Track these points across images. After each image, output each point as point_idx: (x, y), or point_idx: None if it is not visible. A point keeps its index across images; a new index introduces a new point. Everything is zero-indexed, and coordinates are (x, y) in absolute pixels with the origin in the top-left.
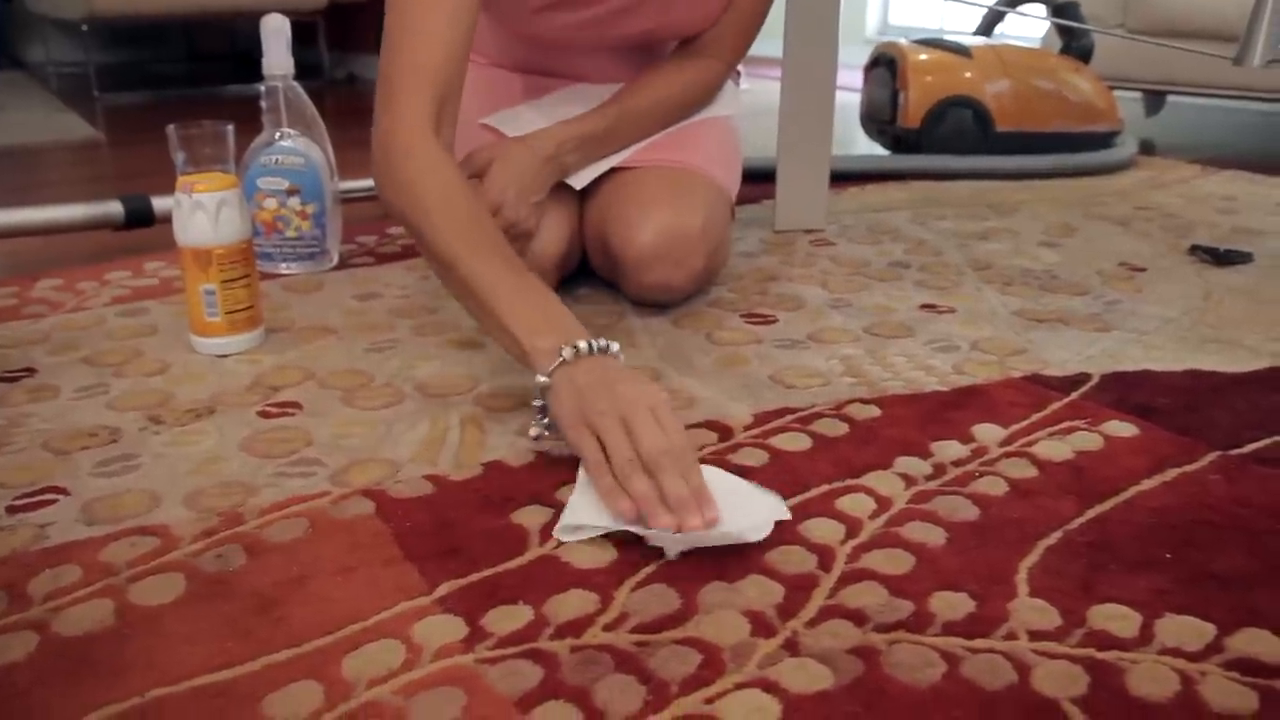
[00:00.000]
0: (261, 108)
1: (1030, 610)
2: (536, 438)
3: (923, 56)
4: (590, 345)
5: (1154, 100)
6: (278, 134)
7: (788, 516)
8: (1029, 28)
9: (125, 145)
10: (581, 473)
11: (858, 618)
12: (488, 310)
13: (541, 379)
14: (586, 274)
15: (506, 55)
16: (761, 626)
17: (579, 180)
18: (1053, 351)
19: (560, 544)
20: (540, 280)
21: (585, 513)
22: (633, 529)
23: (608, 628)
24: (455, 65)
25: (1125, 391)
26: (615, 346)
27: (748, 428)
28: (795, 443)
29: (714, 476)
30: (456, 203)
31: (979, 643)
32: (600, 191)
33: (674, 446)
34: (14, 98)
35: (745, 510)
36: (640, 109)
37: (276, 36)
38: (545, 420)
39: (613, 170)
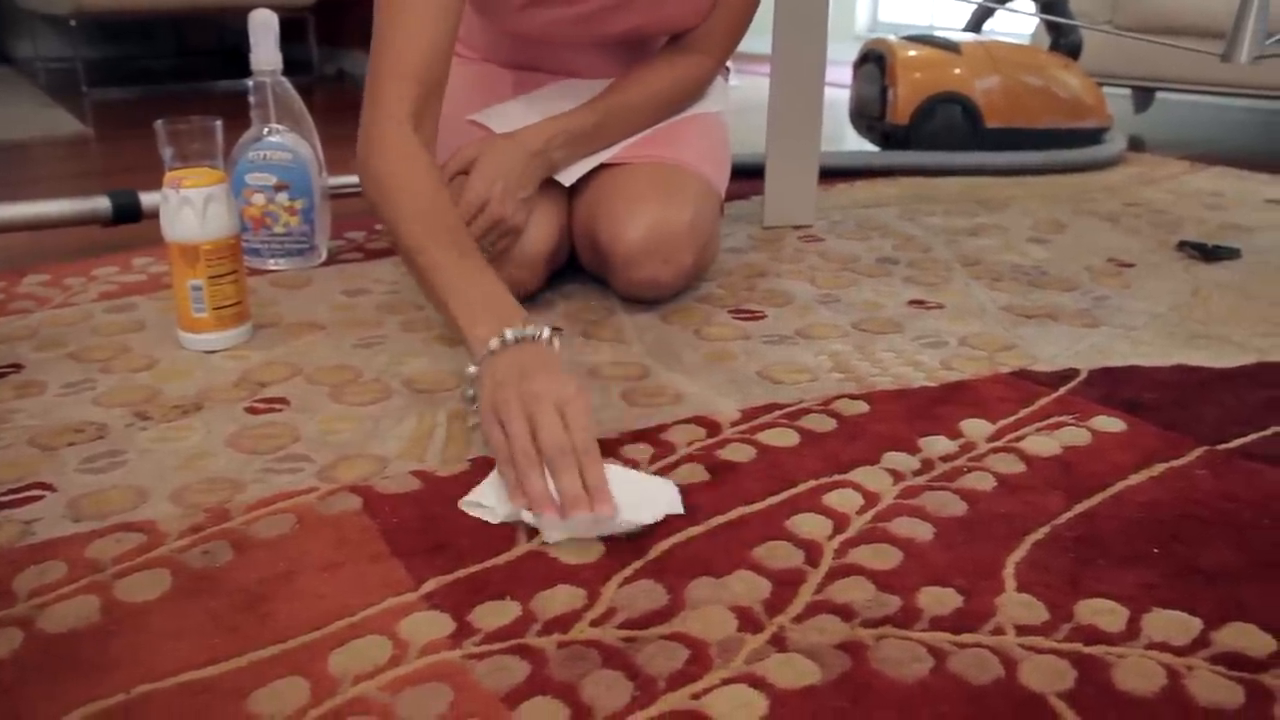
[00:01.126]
0: (250, 103)
1: (1018, 605)
2: (473, 427)
3: (912, 53)
4: (518, 335)
5: (1143, 97)
6: (266, 129)
7: (680, 511)
8: (1018, 24)
9: (113, 141)
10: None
11: (845, 613)
12: (437, 297)
13: (470, 370)
14: (576, 270)
15: (496, 50)
16: (749, 622)
17: (568, 176)
18: (1041, 347)
19: (547, 541)
20: (488, 267)
21: (490, 496)
22: (525, 519)
23: (595, 623)
24: (438, 62)
25: (1113, 387)
26: (546, 333)
27: (735, 423)
28: (783, 438)
29: (615, 474)
30: (421, 192)
31: (966, 638)
32: (589, 188)
33: (572, 443)
34: (1, 93)
35: (644, 501)
36: (629, 104)
37: (264, 31)
38: (475, 408)
39: (602, 166)
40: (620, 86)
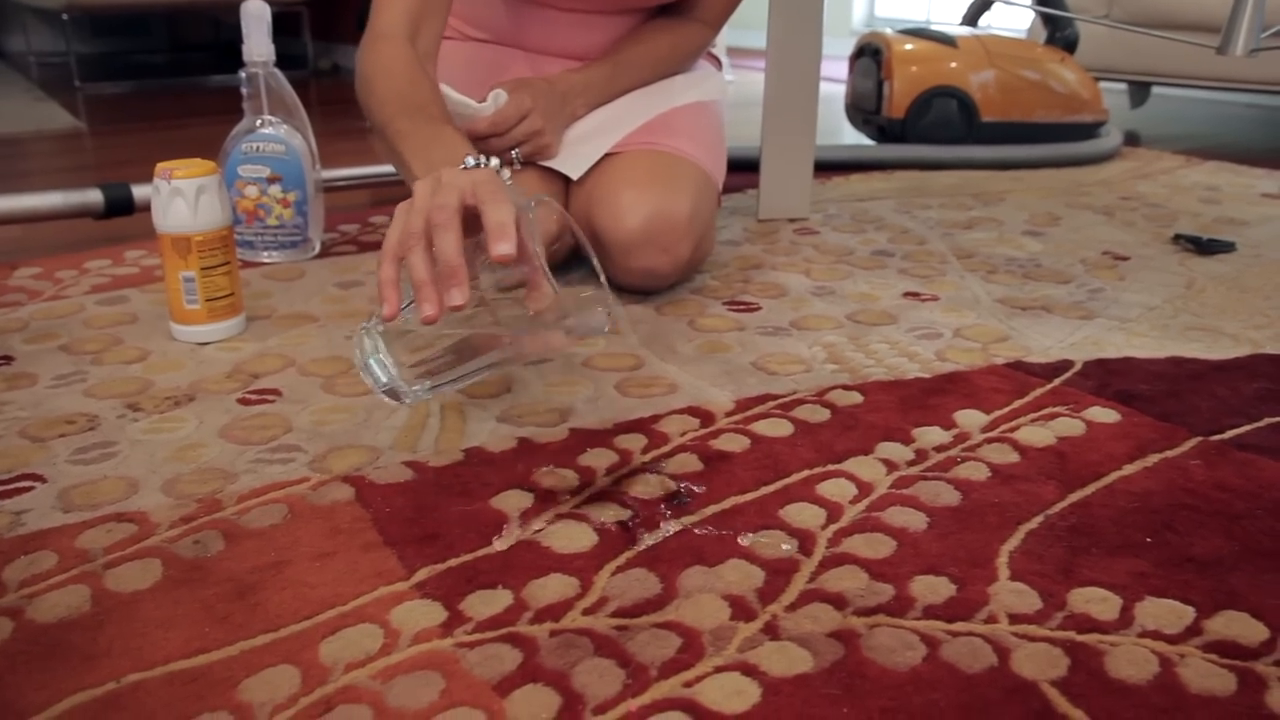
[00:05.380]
0: (242, 94)
1: (1011, 593)
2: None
3: (908, 46)
4: (468, 162)
5: (1139, 91)
6: (259, 121)
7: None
8: (1014, 18)
9: (106, 135)
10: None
11: (838, 601)
12: (403, 161)
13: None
14: (574, 265)
15: (504, 31)
16: (741, 610)
17: (575, 169)
18: (1035, 339)
19: (540, 529)
20: (457, 133)
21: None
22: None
23: (587, 612)
24: None
25: (1107, 378)
26: (495, 161)
27: (729, 414)
28: (777, 429)
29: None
30: (398, 74)
31: (959, 626)
32: (588, 176)
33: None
34: None
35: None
36: (634, 61)
37: (257, 22)
38: None
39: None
40: (625, 46)
